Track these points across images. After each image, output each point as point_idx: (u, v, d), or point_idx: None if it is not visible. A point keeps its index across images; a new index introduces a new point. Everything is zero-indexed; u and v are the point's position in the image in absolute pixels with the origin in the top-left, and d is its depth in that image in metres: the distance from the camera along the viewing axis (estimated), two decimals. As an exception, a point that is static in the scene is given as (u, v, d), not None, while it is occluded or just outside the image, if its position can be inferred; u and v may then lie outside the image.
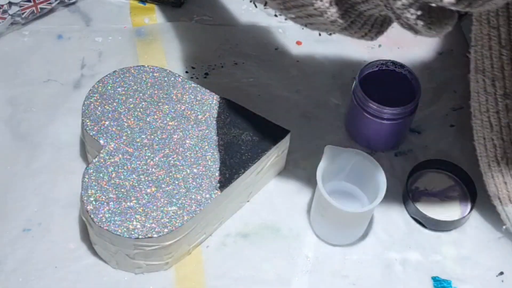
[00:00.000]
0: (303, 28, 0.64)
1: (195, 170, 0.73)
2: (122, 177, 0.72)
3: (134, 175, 0.72)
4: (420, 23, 0.54)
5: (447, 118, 0.89)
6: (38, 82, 0.89)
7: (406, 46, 0.96)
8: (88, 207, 0.69)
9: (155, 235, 0.68)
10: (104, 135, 0.75)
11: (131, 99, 0.79)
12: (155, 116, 0.77)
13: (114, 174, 0.72)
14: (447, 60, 0.95)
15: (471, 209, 0.79)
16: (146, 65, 0.82)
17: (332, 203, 0.70)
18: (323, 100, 0.90)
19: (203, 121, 0.78)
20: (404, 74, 0.83)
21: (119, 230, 0.68)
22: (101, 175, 0.72)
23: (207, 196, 0.71)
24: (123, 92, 0.79)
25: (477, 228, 0.79)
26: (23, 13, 0.93)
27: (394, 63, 0.83)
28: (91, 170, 0.72)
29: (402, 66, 0.83)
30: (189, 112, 0.78)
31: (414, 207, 0.78)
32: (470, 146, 0.86)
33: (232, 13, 1.00)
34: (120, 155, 0.74)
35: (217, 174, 0.73)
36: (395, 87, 0.82)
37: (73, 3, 0.98)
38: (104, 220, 0.68)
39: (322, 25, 0.60)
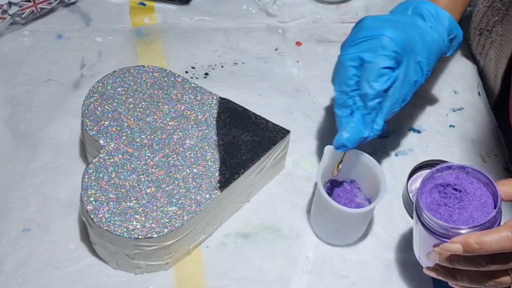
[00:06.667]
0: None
1: (195, 170, 0.73)
2: (122, 177, 0.72)
3: (134, 175, 0.72)
4: None
5: (447, 118, 0.89)
6: (38, 82, 0.89)
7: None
8: (88, 207, 0.69)
9: (155, 235, 0.68)
10: (104, 135, 0.75)
11: (131, 99, 0.78)
12: (155, 116, 0.77)
13: (114, 174, 0.72)
14: (447, 61, 0.95)
15: (471, 209, 0.78)
16: (146, 65, 0.82)
17: (332, 203, 0.70)
18: (323, 100, 0.90)
19: (203, 121, 0.78)
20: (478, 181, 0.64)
21: (119, 230, 0.68)
22: (101, 175, 0.72)
23: (207, 196, 0.71)
24: (123, 92, 0.79)
25: (477, 228, 0.79)
26: (23, 13, 0.93)
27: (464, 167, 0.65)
28: (91, 170, 0.72)
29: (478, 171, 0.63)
30: (189, 112, 0.78)
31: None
32: (470, 146, 0.86)
33: (232, 13, 1.00)
34: (120, 155, 0.73)
35: (217, 174, 0.73)
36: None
37: (73, 3, 0.98)
38: (104, 220, 0.68)
39: None
